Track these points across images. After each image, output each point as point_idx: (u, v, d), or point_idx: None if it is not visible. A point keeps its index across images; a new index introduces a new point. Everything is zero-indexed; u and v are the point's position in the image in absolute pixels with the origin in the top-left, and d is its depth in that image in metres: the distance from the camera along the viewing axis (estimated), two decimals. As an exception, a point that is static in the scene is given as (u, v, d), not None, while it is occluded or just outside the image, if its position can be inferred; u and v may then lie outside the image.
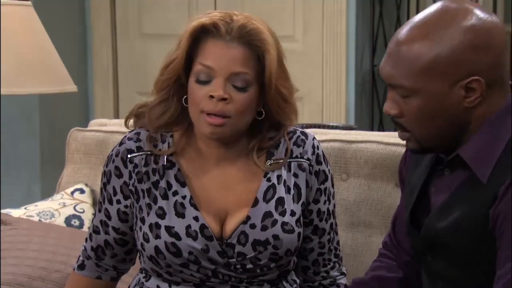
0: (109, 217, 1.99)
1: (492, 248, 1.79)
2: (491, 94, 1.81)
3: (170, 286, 1.95)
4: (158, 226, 1.91)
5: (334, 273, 2.07)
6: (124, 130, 2.07)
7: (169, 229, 1.90)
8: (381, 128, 4.67)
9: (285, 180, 1.96)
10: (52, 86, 2.87)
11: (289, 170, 1.97)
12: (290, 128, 1.99)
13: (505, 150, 1.80)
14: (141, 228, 1.93)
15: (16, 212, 2.75)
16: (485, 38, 1.78)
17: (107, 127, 2.90)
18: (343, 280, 2.08)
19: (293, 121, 1.98)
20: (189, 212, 1.92)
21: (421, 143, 1.87)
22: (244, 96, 1.87)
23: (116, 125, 2.92)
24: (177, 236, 1.90)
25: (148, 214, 1.93)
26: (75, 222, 2.74)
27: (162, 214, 1.92)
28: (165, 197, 1.93)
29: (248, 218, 1.92)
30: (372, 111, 4.68)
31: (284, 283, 2.00)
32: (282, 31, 3.98)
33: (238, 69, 1.86)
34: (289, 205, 1.95)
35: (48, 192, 3.80)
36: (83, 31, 4.95)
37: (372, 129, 4.64)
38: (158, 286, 1.97)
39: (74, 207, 2.77)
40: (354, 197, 2.48)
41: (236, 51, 1.86)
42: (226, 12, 1.90)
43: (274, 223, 1.92)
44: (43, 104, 4.58)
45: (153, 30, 4.86)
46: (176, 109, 1.94)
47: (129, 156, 1.96)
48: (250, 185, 1.95)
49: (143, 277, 2.01)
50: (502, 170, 1.78)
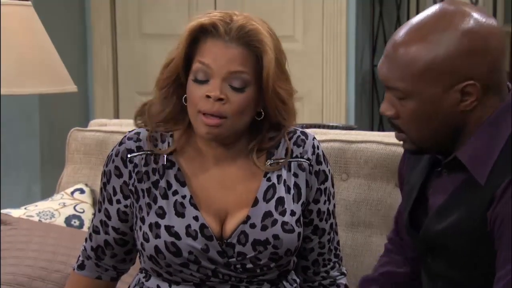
0: (109, 217, 1.99)
1: (490, 250, 1.79)
2: (487, 97, 1.80)
3: (170, 286, 1.95)
4: (158, 225, 1.91)
5: (334, 273, 2.07)
6: (124, 130, 2.07)
7: (169, 228, 1.90)
8: (381, 128, 4.67)
9: (285, 180, 1.96)
10: (52, 86, 2.87)
11: (289, 170, 1.97)
12: (290, 128, 1.99)
13: (502, 152, 1.79)
14: (141, 228, 1.93)
15: (16, 212, 2.75)
16: (482, 43, 1.77)
17: (107, 127, 2.90)
18: (343, 280, 2.08)
19: (291, 123, 1.97)
20: (189, 212, 1.92)
21: (417, 144, 1.87)
22: (241, 97, 1.87)
23: (116, 125, 2.92)
24: (177, 235, 1.90)
25: (148, 213, 1.93)
26: (75, 222, 2.73)
27: (162, 214, 1.92)
28: (165, 196, 1.93)
29: (248, 218, 1.92)
30: (372, 111, 4.68)
31: (284, 282, 2.00)
32: (282, 31, 3.98)
33: (236, 68, 1.86)
34: (289, 205, 1.95)
35: (48, 192, 3.80)
36: (83, 31, 4.95)
37: (372, 129, 4.64)
38: (158, 286, 1.97)
39: (74, 207, 2.77)
40: (354, 197, 2.48)
41: (234, 51, 1.86)
42: (226, 12, 1.90)
43: (274, 222, 1.92)
44: (43, 104, 4.58)
45: (153, 30, 4.86)
46: (175, 107, 1.94)
47: (129, 155, 1.96)
48: (250, 185, 1.95)
49: (143, 277, 2.00)
50: (499, 172, 1.78)
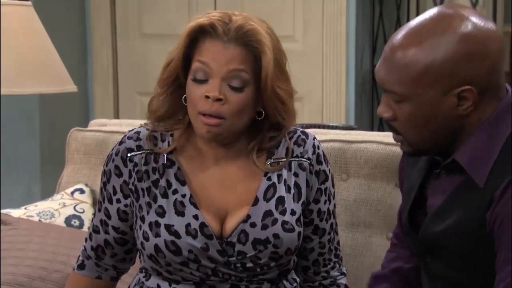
0: (109, 216, 1.99)
1: (490, 250, 1.79)
2: (484, 101, 1.80)
3: (170, 285, 1.95)
4: (158, 224, 1.91)
5: (334, 273, 2.07)
6: (124, 130, 2.07)
7: (168, 227, 1.90)
8: (381, 128, 4.67)
9: (285, 179, 1.96)
10: (52, 86, 2.87)
11: (289, 169, 1.97)
12: (291, 128, 1.99)
13: (502, 152, 1.79)
14: (141, 227, 1.93)
15: (16, 212, 2.75)
16: (480, 48, 1.76)
17: (107, 127, 2.90)
18: (343, 280, 2.08)
19: (291, 124, 1.97)
20: (189, 211, 1.92)
21: (414, 146, 1.88)
22: (240, 97, 1.87)
23: (116, 125, 2.92)
24: (176, 234, 1.90)
25: (148, 212, 1.93)
26: (75, 222, 2.73)
27: (161, 213, 1.92)
28: (165, 195, 1.93)
29: (248, 217, 1.92)
30: (372, 111, 4.68)
31: (284, 282, 2.00)
32: (282, 31, 3.97)
33: (236, 66, 1.86)
34: (289, 204, 1.95)
35: (48, 192, 3.80)
36: (83, 31, 4.94)
37: (372, 129, 4.64)
38: (158, 285, 1.97)
39: (74, 207, 2.77)
40: (354, 197, 2.48)
41: (233, 52, 1.86)
42: (225, 13, 1.90)
43: (275, 222, 1.92)
44: (43, 104, 4.58)
45: (153, 30, 4.86)
46: (175, 106, 1.94)
47: (129, 155, 1.96)
48: (250, 184, 1.95)
49: (143, 277, 2.01)
50: (498, 172, 1.78)
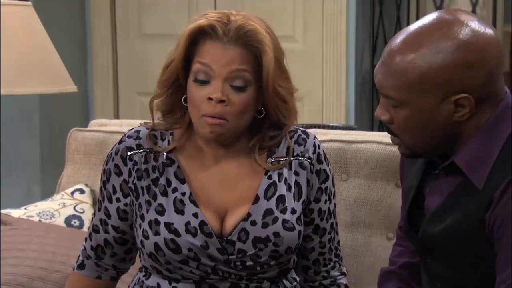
0: (108, 215, 2.00)
1: (489, 251, 1.79)
2: (481, 108, 1.80)
3: (170, 284, 1.95)
4: (158, 222, 1.91)
5: (334, 273, 2.07)
6: (124, 130, 2.07)
7: (168, 225, 1.90)
8: (381, 128, 4.66)
9: (286, 178, 1.96)
10: (52, 86, 2.87)
11: (290, 168, 1.97)
12: (292, 127, 1.99)
13: (502, 152, 1.79)
14: (140, 225, 1.93)
15: (16, 212, 2.75)
16: (478, 56, 1.75)
17: (107, 127, 2.90)
18: (343, 280, 2.08)
19: (292, 122, 1.97)
20: (189, 209, 1.92)
21: (411, 149, 1.88)
22: (242, 97, 1.87)
23: (116, 125, 2.92)
24: (176, 232, 1.90)
25: (148, 211, 1.93)
26: (75, 222, 2.73)
27: (161, 211, 1.92)
28: (165, 194, 1.94)
29: (249, 215, 1.92)
30: (372, 111, 4.68)
31: (284, 281, 2.00)
32: (282, 31, 3.98)
33: (237, 66, 1.86)
34: (290, 203, 1.95)
35: (48, 192, 3.80)
36: (83, 31, 4.94)
37: (372, 129, 4.64)
38: (158, 284, 1.97)
39: (74, 207, 2.77)
40: (354, 197, 2.48)
41: (233, 53, 1.86)
42: (223, 13, 1.90)
43: (275, 220, 1.92)
44: (43, 104, 4.58)
45: (153, 30, 4.86)
46: (174, 105, 1.95)
47: (128, 153, 1.96)
48: (250, 183, 1.95)
49: (143, 276, 2.01)
50: (498, 173, 1.78)
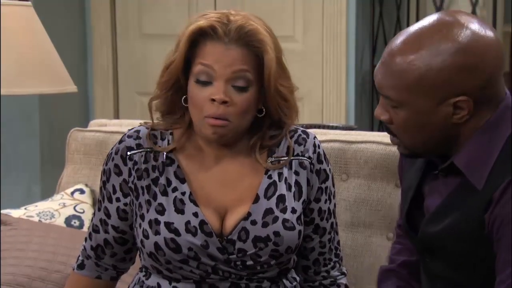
0: (108, 215, 1.99)
1: (488, 251, 1.79)
2: (480, 110, 1.80)
3: (170, 284, 1.95)
4: (158, 222, 1.91)
5: (334, 273, 2.07)
6: (124, 130, 2.07)
7: (168, 225, 1.90)
8: (381, 128, 4.66)
9: (286, 177, 1.96)
10: (52, 86, 2.87)
11: (290, 168, 1.97)
12: (292, 127, 1.99)
13: (501, 152, 1.79)
14: (140, 225, 1.93)
15: (16, 212, 2.75)
16: (478, 59, 1.75)
17: (107, 127, 2.90)
18: (343, 280, 2.08)
19: (293, 120, 1.98)
20: (189, 208, 1.92)
21: (410, 150, 1.88)
22: (244, 97, 1.87)
23: (116, 125, 2.92)
24: (176, 232, 1.90)
25: (148, 210, 1.93)
26: (75, 222, 2.73)
27: (161, 211, 1.92)
28: (165, 193, 1.94)
29: (249, 214, 1.92)
30: (372, 111, 4.67)
31: (284, 280, 2.00)
32: (282, 31, 3.98)
33: (239, 67, 1.86)
34: (290, 202, 1.95)
35: (48, 192, 3.80)
36: (83, 31, 4.95)
37: (372, 129, 4.64)
38: (158, 283, 1.97)
39: (74, 208, 2.77)
40: (354, 197, 2.48)
41: (235, 53, 1.86)
42: (222, 13, 1.90)
43: (275, 219, 1.92)
44: (43, 104, 4.58)
45: (153, 30, 4.86)
46: (174, 106, 1.95)
47: (128, 153, 1.96)
48: (250, 182, 1.95)
49: (143, 276, 2.01)
50: (498, 173, 1.78)
